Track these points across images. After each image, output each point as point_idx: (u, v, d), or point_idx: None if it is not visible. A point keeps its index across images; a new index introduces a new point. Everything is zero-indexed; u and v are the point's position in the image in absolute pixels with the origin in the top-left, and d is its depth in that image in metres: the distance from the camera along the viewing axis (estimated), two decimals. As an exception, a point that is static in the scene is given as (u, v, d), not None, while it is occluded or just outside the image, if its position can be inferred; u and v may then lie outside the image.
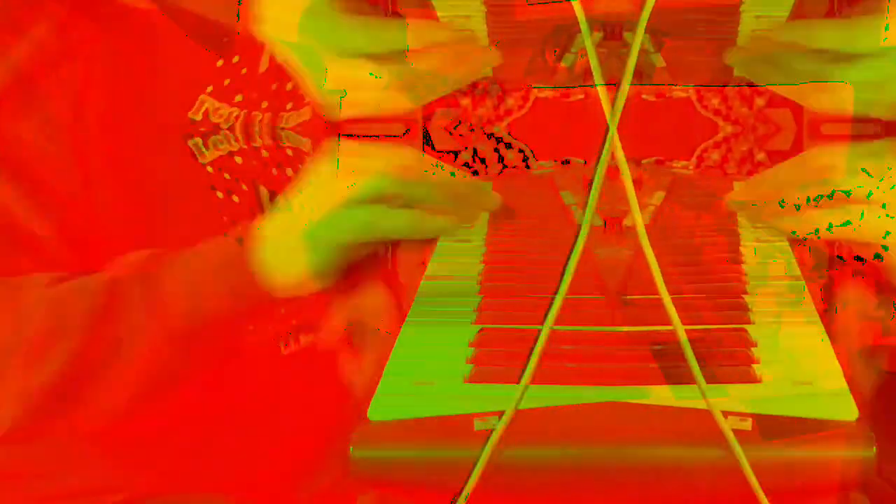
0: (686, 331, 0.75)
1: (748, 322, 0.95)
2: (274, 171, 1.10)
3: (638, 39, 0.74)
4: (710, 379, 0.76)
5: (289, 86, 1.09)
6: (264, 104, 1.10)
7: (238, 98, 1.11)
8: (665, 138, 1.38)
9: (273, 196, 1.05)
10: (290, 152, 1.10)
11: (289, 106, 1.12)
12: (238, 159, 1.06)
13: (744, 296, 1.01)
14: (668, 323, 0.75)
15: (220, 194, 1.06)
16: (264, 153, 1.07)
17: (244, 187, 1.08)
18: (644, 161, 1.44)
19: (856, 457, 0.75)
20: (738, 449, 0.73)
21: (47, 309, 0.93)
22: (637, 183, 0.72)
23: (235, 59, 1.11)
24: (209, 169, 1.05)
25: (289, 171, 1.12)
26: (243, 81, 1.11)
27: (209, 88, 1.07)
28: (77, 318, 0.92)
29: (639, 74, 1.05)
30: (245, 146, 1.06)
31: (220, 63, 1.08)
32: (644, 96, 1.28)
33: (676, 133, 1.27)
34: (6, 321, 0.92)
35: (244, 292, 0.88)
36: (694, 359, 0.74)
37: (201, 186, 1.05)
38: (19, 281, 0.95)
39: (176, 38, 1.06)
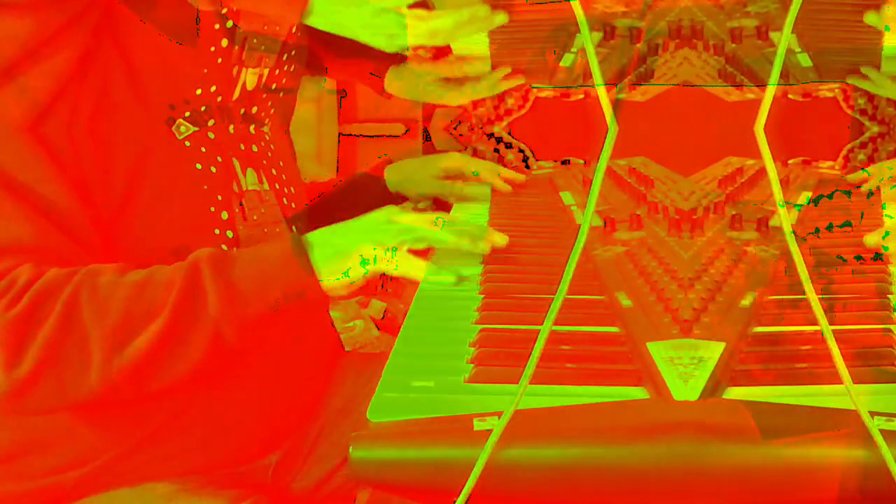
0: (832, 331, 0.74)
1: (894, 322, 0.94)
2: (241, 146, 1.17)
3: (785, 40, 0.73)
4: (857, 379, 0.75)
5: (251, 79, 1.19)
6: (236, 94, 1.17)
7: (213, 88, 1.14)
8: (811, 138, 1.38)
9: (244, 168, 1.16)
10: (252, 130, 1.19)
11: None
12: (211, 135, 1.13)
13: (889, 296, 1.00)
14: (815, 322, 0.75)
15: (199, 166, 1.10)
16: (231, 129, 1.16)
17: (219, 159, 1.13)
18: (790, 161, 1.43)
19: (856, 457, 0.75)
20: (884, 448, 0.72)
21: (128, 295, 0.98)
22: (783, 183, 0.72)
23: (212, 49, 1.13)
24: (187, 143, 1.10)
25: (254, 148, 1.19)
26: (218, 70, 1.15)
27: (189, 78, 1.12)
28: (159, 303, 0.98)
29: (785, 75, 1.06)
30: (217, 124, 1.14)
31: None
32: (790, 96, 1.27)
33: (822, 133, 1.28)
34: (87, 308, 0.97)
35: (299, 282, 1.01)
36: (841, 359, 0.74)
37: (183, 163, 1.09)
38: (95, 269, 0.99)
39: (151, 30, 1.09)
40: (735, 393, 0.80)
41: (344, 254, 1.04)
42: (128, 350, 0.96)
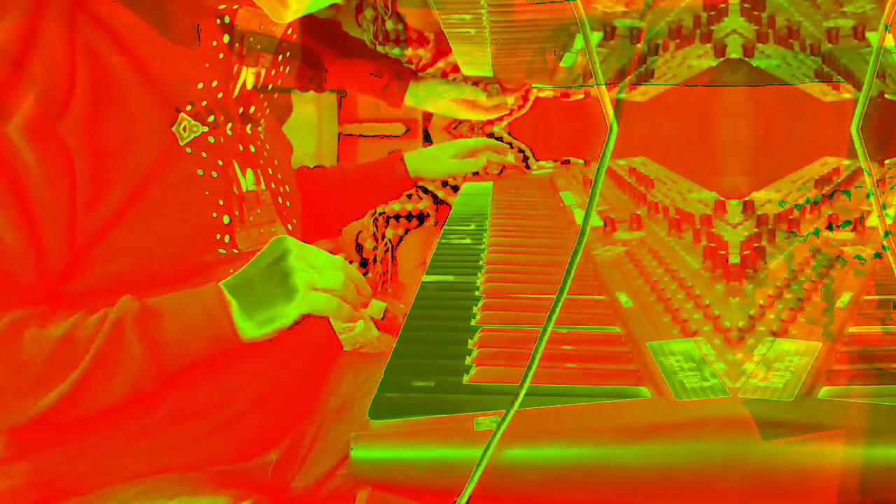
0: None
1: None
2: (240, 147, 1.16)
3: (880, 37, 0.73)
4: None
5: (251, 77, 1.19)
6: (236, 91, 1.17)
7: (214, 83, 1.14)
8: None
9: (244, 170, 1.16)
10: (249, 131, 1.19)
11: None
12: (211, 139, 1.12)
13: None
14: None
15: (200, 172, 1.10)
16: (229, 129, 1.15)
17: (220, 163, 1.13)
18: (887, 161, 1.43)
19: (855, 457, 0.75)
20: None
21: (48, 351, 0.99)
22: (880, 183, 0.71)
23: (214, 43, 1.13)
24: (188, 150, 1.10)
25: (251, 148, 1.18)
26: (220, 66, 1.15)
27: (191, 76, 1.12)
28: (78, 359, 0.99)
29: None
30: (217, 125, 1.13)
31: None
32: (887, 96, 1.27)
33: None
34: (5, 364, 0.98)
35: (223, 342, 1.03)
36: None
37: (185, 170, 1.09)
38: (19, 319, 0.99)
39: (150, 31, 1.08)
40: (829, 392, 0.80)
41: (265, 312, 1.03)
42: (44, 399, 0.98)
